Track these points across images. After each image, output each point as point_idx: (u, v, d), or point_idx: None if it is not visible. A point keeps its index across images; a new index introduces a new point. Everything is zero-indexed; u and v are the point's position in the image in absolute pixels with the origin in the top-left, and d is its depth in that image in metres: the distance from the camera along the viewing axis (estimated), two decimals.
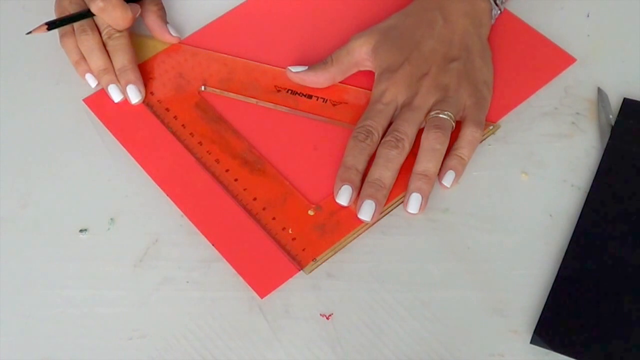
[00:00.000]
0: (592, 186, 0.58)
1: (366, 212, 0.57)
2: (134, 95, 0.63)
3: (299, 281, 0.55)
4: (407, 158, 0.59)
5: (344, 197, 0.57)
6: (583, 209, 0.57)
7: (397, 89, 0.61)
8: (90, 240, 0.57)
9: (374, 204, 0.57)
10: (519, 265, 0.55)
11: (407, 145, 0.58)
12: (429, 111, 0.60)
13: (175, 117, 0.62)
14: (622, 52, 0.66)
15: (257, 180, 0.59)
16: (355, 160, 0.58)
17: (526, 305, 0.54)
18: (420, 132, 0.59)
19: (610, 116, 0.62)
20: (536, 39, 0.66)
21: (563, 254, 0.55)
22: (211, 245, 0.56)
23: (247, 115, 0.63)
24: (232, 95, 0.64)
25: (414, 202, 0.57)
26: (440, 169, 0.59)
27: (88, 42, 0.63)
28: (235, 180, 0.59)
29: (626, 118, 0.61)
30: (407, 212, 0.58)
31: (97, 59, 0.63)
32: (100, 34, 0.64)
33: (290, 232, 0.57)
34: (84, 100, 0.64)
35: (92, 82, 0.64)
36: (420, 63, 0.61)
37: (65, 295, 0.55)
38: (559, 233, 0.57)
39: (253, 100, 0.64)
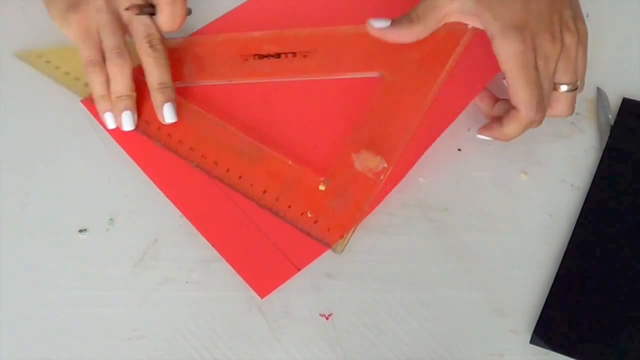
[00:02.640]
0: (591, 186, 0.58)
1: None
2: (171, 115, 0.60)
3: (299, 281, 0.55)
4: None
5: None
6: (582, 208, 0.57)
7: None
8: (89, 240, 0.57)
9: None
10: (518, 265, 0.56)
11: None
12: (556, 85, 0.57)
13: (158, 129, 0.60)
14: (622, 52, 0.66)
15: (260, 170, 0.58)
16: None
17: (526, 305, 0.54)
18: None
19: (610, 116, 0.62)
20: None
21: (563, 254, 0.56)
22: (211, 246, 0.56)
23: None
24: (202, 82, 0.61)
25: None
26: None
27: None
28: (240, 177, 0.58)
29: (625, 118, 0.61)
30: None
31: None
32: None
33: (309, 215, 0.56)
34: (81, 101, 0.63)
35: (111, 123, 0.60)
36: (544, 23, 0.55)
37: (65, 295, 0.55)
38: (558, 233, 0.57)
39: (224, 81, 0.61)
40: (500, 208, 0.58)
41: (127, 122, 0.60)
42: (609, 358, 0.51)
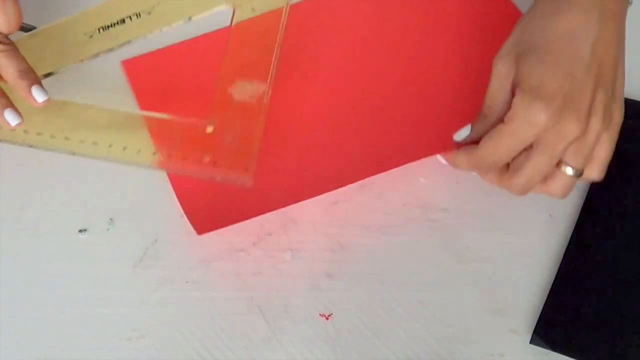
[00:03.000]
0: (591, 186, 0.58)
1: None
2: (42, 94, 0.56)
3: (299, 281, 0.55)
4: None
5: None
6: (582, 208, 0.57)
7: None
8: (89, 240, 0.57)
9: None
10: (518, 265, 0.56)
11: None
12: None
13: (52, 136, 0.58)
14: None
15: (143, 135, 0.57)
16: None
17: (526, 305, 0.54)
18: None
19: None
20: None
21: (563, 254, 0.56)
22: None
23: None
24: (59, 69, 0.59)
25: None
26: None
27: None
28: (124, 149, 0.57)
29: (626, 118, 0.61)
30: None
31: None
32: None
33: (207, 159, 0.55)
34: (122, 62, 0.63)
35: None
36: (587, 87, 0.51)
37: (65, 295, 0.55)
38: (558, 233, 0.57)
39: (77, 63, 0.59)
40: (500, 208, 0.58)
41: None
42: (609, 358, 0.51)
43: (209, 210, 0.56)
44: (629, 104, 0.62)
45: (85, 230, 0.58)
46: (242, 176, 0.55)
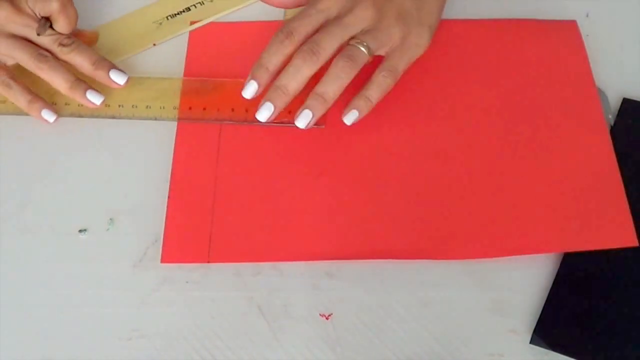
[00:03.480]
0: None
1: (263, 114, 0.59)
2: (121, 77, 0.63)
3: (299, 281, 0.55)
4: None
5: (248, 92, 0.59)
6: None
7: None
8: (89, 240, 0.57)
9: (272, 108, 0.59)
10: (518, 265, 0.55)
11: (321, 59, 0.58)
12: (354, 36, 0.59)
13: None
14: (622, 52, 0.66)
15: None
16: (268, 58, 0.59)
17: (526, 305, 0.54)
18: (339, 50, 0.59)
19: (610, 116, 0.62)
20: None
21: (563, 254, 0.55)
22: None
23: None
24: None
25: (304, 118, 0.59)
26: (345, 107, 0.59)
27: (52, 62, 0.61)
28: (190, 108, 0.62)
29: (626, 118, 0.61)
30: (295, 125, 0.59)
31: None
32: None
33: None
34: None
35: (51, 116, 0.62)
36: None
37: (65, 295, 0.55)
38: None
39: (147, 47, 0.66)
40: None
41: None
42: (609, 358, 0.51)
43: (184, 243, 0.56)
44: (629, 104, 0.62)
45: (85, 230, 0.58)
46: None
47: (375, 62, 0.60)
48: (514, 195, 0.57)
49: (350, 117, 0.59)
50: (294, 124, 0.59)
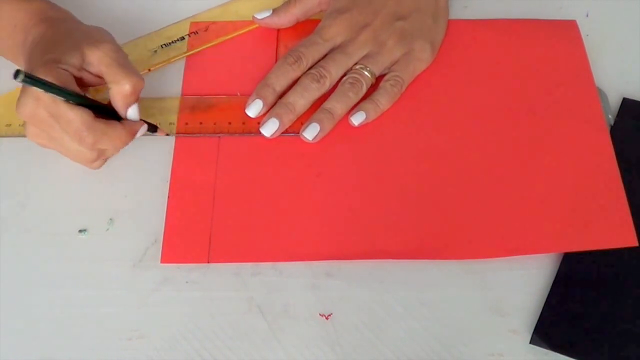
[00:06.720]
0: None
1: (269, 127, 0.60)
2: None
3: (299, 281, 0.55)
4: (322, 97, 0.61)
5: (252, 110, 0.61)
6: None
7: (337, 29, 0.62)
8: (89, 240, 0.57)
9: (278, 123, 0.60)
10: (518, 265, 0.55)
11: (327, 83, 0.61)
12: (358, 62, 0.62)
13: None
14: (622, 51, 0.66)
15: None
16: (276, 79, 0.61)
17: (526, 305, 0.54)
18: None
19: (610, 116, 0.62)
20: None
21: (563, 254, 0.55)
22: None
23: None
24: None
25: (312, 130, 0.60)
26: (352, 108, 0.61)
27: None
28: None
29: (626, 118, 0.61)
30: (302, 136, 0.60)
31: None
32: None
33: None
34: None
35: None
36: (367, 12, 0.63)
37: (65, 295, 0.55)
38: None
39: (144, 72, 0.65)
40: None
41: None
42: (609, 358, 0.51)
43: (184, 244, 0.56)
44: (629, 104, 0.62)
45: (85, 230, 0.58)
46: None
47: (380, 80, 0.62)
48: (514, 195, 0.57)
49: (357, 117, 0.60)
50: (295, 134, 0.60)
